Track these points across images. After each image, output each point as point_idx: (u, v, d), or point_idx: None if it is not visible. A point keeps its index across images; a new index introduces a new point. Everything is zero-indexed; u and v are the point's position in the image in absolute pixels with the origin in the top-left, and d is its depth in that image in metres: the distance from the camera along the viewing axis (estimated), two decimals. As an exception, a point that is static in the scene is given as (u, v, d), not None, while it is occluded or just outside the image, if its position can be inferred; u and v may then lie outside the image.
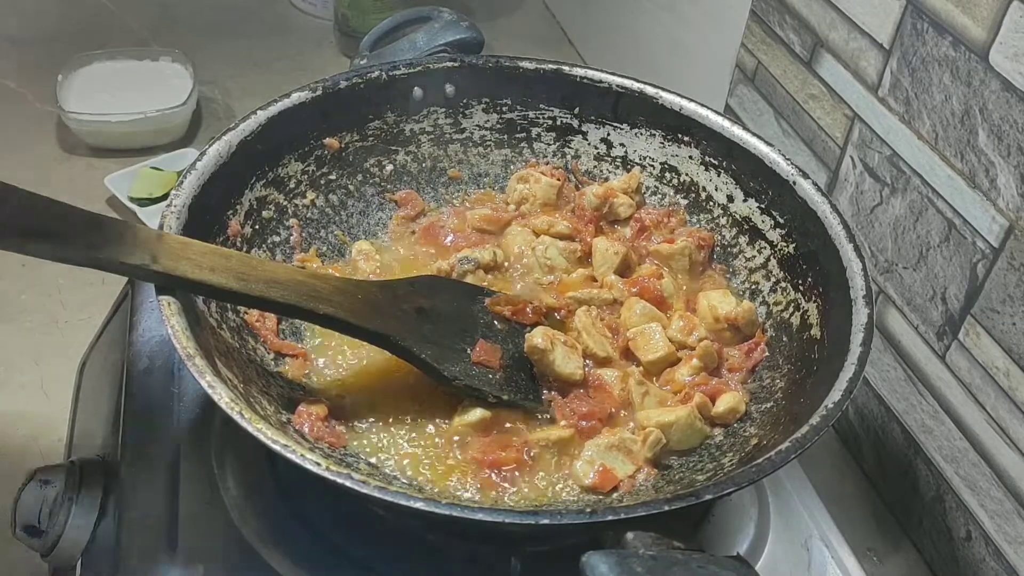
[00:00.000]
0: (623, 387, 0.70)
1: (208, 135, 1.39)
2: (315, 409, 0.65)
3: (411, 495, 0.51)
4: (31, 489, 0.66)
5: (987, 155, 0.72)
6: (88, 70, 1.44)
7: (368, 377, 0.70)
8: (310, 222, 0.78)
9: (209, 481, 0.67)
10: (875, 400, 0.89)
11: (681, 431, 0.66)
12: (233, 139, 0.71)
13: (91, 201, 1.24)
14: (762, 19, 1.01)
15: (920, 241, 0.81)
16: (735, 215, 0.80)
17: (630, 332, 0.73)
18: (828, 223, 0.71)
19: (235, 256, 0.63)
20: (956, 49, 0.74)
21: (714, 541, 0.69)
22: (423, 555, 0.64)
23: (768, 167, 0.76)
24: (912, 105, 0.80)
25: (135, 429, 0.70)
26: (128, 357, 0.75)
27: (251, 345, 0.68)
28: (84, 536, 0.65)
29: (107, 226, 0.57)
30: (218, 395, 0.55)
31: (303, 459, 0.52)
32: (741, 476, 0.55)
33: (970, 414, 0.77)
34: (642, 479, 0.64)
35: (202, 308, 0.64)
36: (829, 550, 0.70)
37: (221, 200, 0.71)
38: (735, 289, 0.79)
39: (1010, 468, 0.74)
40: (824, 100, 0.92)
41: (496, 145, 0.86)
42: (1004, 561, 0.76)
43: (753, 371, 0.73)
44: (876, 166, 0.85)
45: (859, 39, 0.85)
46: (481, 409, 0.68)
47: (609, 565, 0.48)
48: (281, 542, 0.63)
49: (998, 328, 0.73)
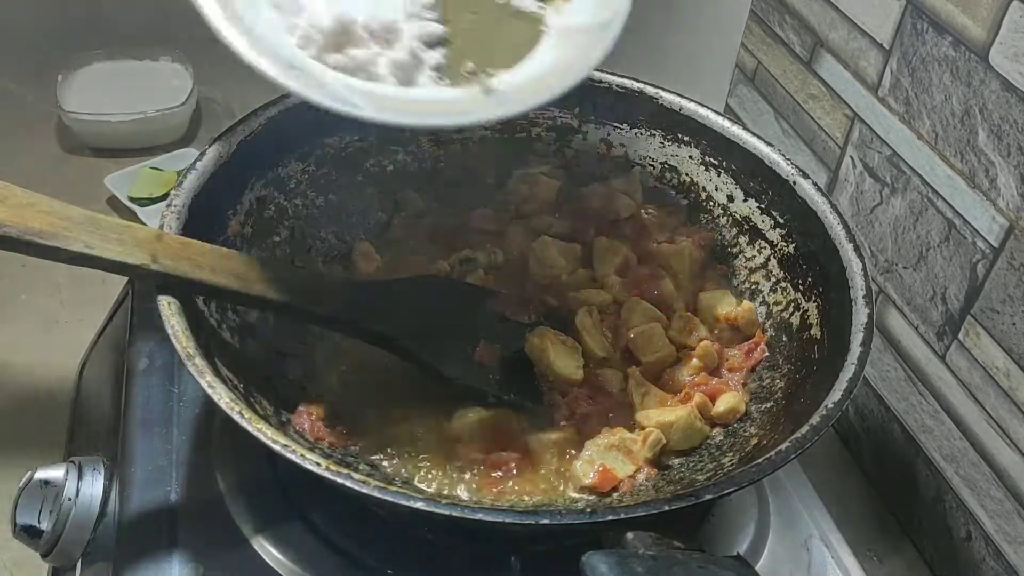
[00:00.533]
0: (623, 387, 0.71)
1: (208, 135, 1.39)
2: (315, 409, 0.65)
3: (411, 495, 0.51)
4: (31, 489, 0.66)
5: (987, 155, 0.72)
6: (88, 70, 1.44)
7: (368, 377, 0.70)
8: (310, 222, 0.78)
9: (209, 481, 0.67)
10: (875, 400, 0.89)
11: (681, 431, 0.66)
12: (233, 139, 0.71)
13: (91, 201, 1.24)
14: (762, 19, 1.01)
15: (920, 241, 0.81)
16: (735, 215, 0.80)
17: (630, 332, 0.73)
18: (828, 223, 0.71)
19: (235, 256, 0.63)
20: (956, 49, 0.74)
21: (714, 541, 0.69)
22: (423, 555, 0.64)
23: (768, 167, 0.76)
24: (912, 105, 0.80)
25: (135, 429, 0.70)
26: (128, 357, 0.75)
27: (251, 345, 0.68)
28: (84, 536, 0.65)
29: (106, 226, 0.57)
30: (218, 395, 0.55)
31: (303, 459, 0.52)
32: (741, 476, 0.55)
33: (970, 414, 0.77)
34: (642, 479, 0.64)
35: (202, 308, 0.64)
36: (829, 550, 0.70)
37: (221, 200, 0.71)
38: (735, 289, 0.79)
39: (1010, 468, 0.74)
40: (824, 100, 0.92)
41: (496, 145, 0.86)
42: (1004, 561, 0.76)
43: (753, 371, 0.73)
44: (876, 166, 0.85)
45: (859, 39, 0.85)
46: (481, 409, 0.68)
47: (609, 565, 0.48)
48: (281, 542, 0.63)
49: (998, 328, 0.73)
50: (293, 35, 0.61)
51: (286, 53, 0.60)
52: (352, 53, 0.61)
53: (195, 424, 0.70)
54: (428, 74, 0.63)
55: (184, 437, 0.69)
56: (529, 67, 0.65)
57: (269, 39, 0.60)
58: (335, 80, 0.60)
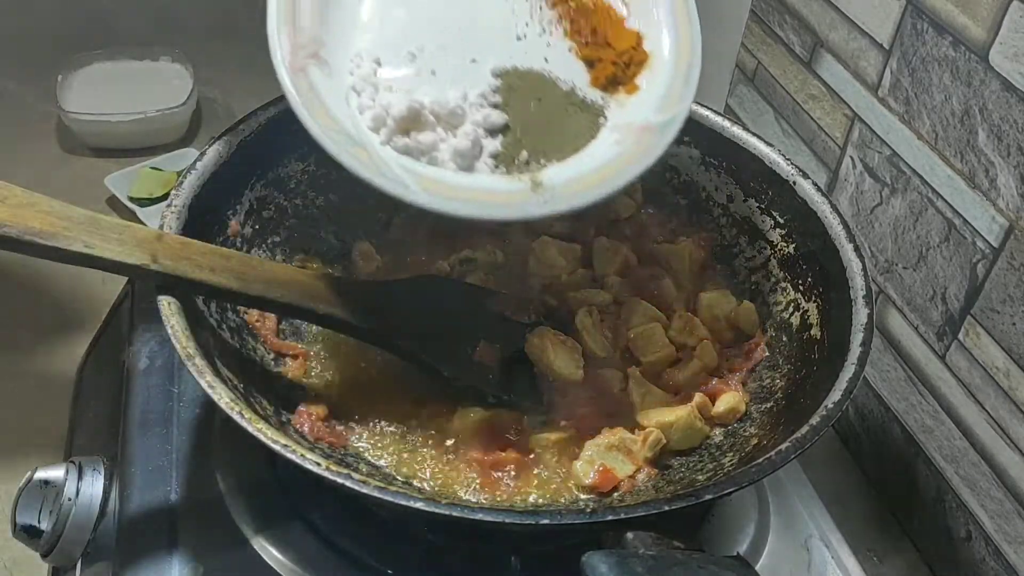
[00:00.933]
0: (623, 387, 0.71)
1: (208, 135, 1.39)
2: (315, 409, 0.65)
3: (411, 495, 0.51)
4: (31, 489, 0.66)
5: (987, 155, 0.72)
6: (88, 70, 1.44)
7: (368, 377, 0.70)
8: (310, 222, 0.78)
9: (209, 481, 0.67)
10: (875, 400, 0.89)
11: (681, 431, 0.66)
12: (233, 139, 0.71)
13: (91, 201, 1.24)
14: (762, 19, 1.01)
15: (920, 241, 0.81)
16: (735, 215, 0.80)
17: (630, 332, 0.73)
18: (828, 223, 0.71)
19: (235, 256, 0.63)
20: (956, 49, 0.74)
21: (714, 541, 0.69)
22: (423, 555, 0.64)
23: (768, 167, 0.76)
24: (912, 105, 0.80)
25: (135, 429, 0.70)
26: (128, 357, 0.75)
27: (251, 345, 0.68)
28: (84, 536, 0.65)
29: (106, 226, 0.57)
30: (218, 395, 0.55)
31: (303, 459, 0.52)
32: (741, 476, 0.55)
33: (970, 414, 0.77)
34: (642, 479, 0.64)
35: (202, 308, 0.64)
36: (829, 550, 0.70)
37: (221, 200, 0.71)
38: (735, 289, 0.79)
39: (1010, 468, 0.74)
40: (824, 100, 0.92)
41: (496, 145, 0.86)
42: (1004, 561, 0.76)
43: (753, 371, 0.73)
44: (876, 166, 0.85)
45: (859, 39, 0.85)
46: (481, 409, 0.68)
47: (609, 565, 0.48)
48: (281, 542, 0.63)
49: (998, 328, 0.73)
50: (363, 114, 0.62)
51: (348, 126, 0.61)
52: (418, 137, 0.62)
53: (195, 424, 0.70)
54: (486, 161, 0.63)
55: (184, 437, 0.69)
56: (582, 161, 0.64)
57: (336, 112, 0.61)
58: (391, 159, 0.60)
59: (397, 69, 0.64)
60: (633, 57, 0.68)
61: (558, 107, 0.66)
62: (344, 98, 0.62)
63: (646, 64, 0.68)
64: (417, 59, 0.65)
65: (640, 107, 0.67)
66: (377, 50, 0.65)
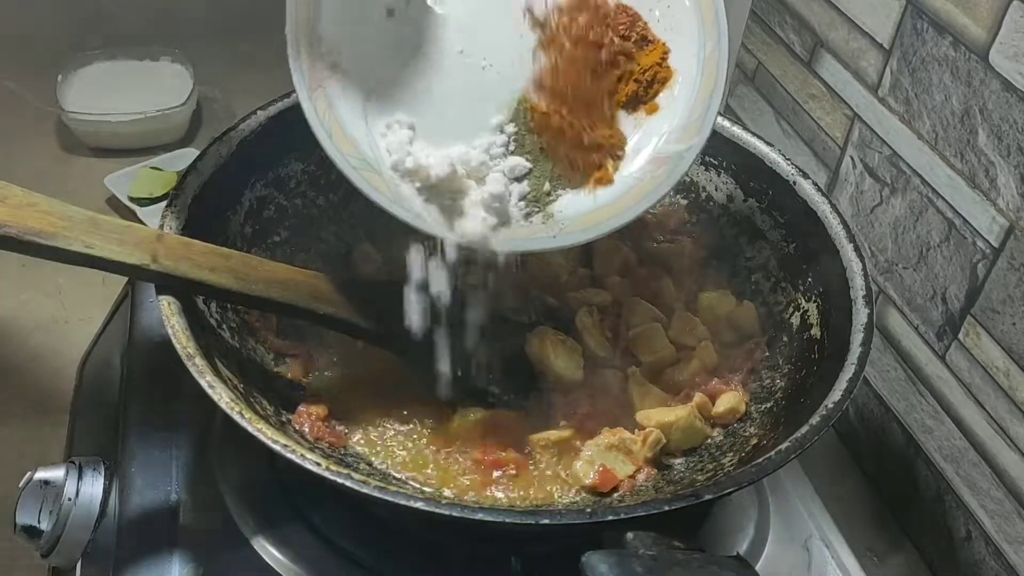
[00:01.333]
0: (623, 387, 0.71)
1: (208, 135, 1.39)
2: (315, 409, 0.65)
3: (411, 495, 0.51)
4: (31, 489, 0.66)
5: (987, 155, 0.72)
6: (88, 70, 1.44)
7: (368, 377, 0.70)
8: (310, 222, 0.78)
9: (209, 481, 0.67)
10: (875, 400, 0.89)
11: (681, 431, 0.66)
12: (233, 139, 0.71)
13: (91, 201, 1.24)
14: (762, 19, 1.01)
15: (920, 241, 0.81)
16: (735, 215, 0.80)
17: (630, 332, 0.73)
18: (828, 223, 0.71)
19: (235, 256, 0.63)
20: (956, 49, 0.74)
21: (714, 541, 0.69)
22: (423, 555, 0.64)
23: (768, 167, 0.76)
24: (912, 105, 0.80)
25: (135, 429, 0.70)
26: (128, 357, 0.75)
27: (251, 345, 0.68)
28: (84, 536, 0.65)
29: (106, 226, 0.57)
30: (218, 395, 0.55)
31: (303, 459, 0.52)
32: (741, 476, 0.55)
33: (970, 414, 0.77)
34: (642, 479, 0.64)
35: (202, 308, 0.64)
36: (829, 550, 0.70)
37: (221, 200, 0.71)
38: (735, 289, 0.79)
39: (1010, 468, 0.74)
40: (824, 100, 0.92)
41: (496, 145, 0.86)
42: (1004, 561, 0.76)
43: (753, 371, 0.73)
44: (876, 166, 0.85)
45: (859, 39, 0.85)
46: (481, 409, 0.68)
47: (609, 565, 0.48)
48: (281, 542, 0.63)
49: (998, 328, 0.73)
50: (398, 169, 0.63)
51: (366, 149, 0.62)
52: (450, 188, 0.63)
53: (195, 424, 0.70)
54: (518, 204, 0.64)
55: (184, 437, 0.69)
56: (597, 193, 0.64)
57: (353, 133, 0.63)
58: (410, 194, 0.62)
59: (430, 137, 0.64)
60: (657, 74, 0.66)
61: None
62: (362, 116, 0.63)
63: (669, 83, 0.66)
64: (445, 117, 0.65)
65: (657, 133, 0.65)
66: (412, 115, 0.64)
